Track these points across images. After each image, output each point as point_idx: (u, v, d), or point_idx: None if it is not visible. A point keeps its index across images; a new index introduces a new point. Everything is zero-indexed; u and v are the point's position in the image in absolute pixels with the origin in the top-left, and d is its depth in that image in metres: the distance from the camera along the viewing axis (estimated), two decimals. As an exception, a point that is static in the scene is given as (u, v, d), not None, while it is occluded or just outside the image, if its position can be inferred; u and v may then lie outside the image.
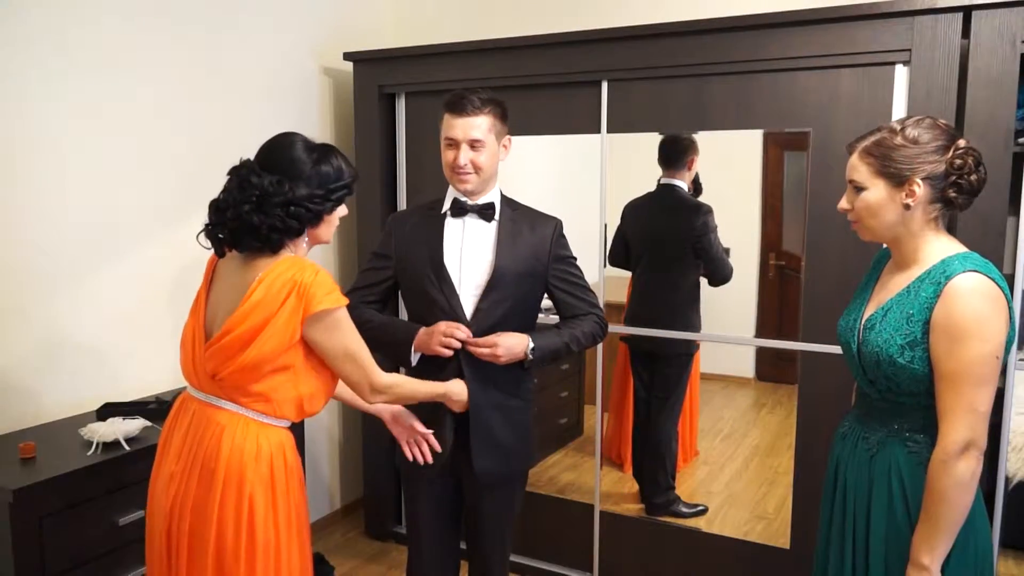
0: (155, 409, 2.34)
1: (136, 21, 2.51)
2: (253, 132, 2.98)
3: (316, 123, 3.24)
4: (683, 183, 2.76)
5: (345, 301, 1.61)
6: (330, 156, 1.65)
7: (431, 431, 1.95)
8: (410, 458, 1.97)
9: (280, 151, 1.62)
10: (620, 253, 2.88)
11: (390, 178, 3.17)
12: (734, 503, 2.80)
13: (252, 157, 1.65)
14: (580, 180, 2.83)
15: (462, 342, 1.91)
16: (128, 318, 2.56)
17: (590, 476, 2.92)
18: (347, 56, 3.12)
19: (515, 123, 2.86)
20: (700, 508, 2.84)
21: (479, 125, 1.91)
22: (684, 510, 2.85)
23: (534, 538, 3.00)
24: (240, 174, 1.60)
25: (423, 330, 1.95)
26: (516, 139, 2.00)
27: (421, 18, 3.56)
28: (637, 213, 2.85)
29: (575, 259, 2.09)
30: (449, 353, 1.91)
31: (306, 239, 1.66)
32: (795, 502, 2.55)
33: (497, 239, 1.98)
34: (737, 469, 2.86)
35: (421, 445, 1.95)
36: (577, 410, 3.15)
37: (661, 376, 2.93)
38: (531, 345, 1.93)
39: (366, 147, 3.14)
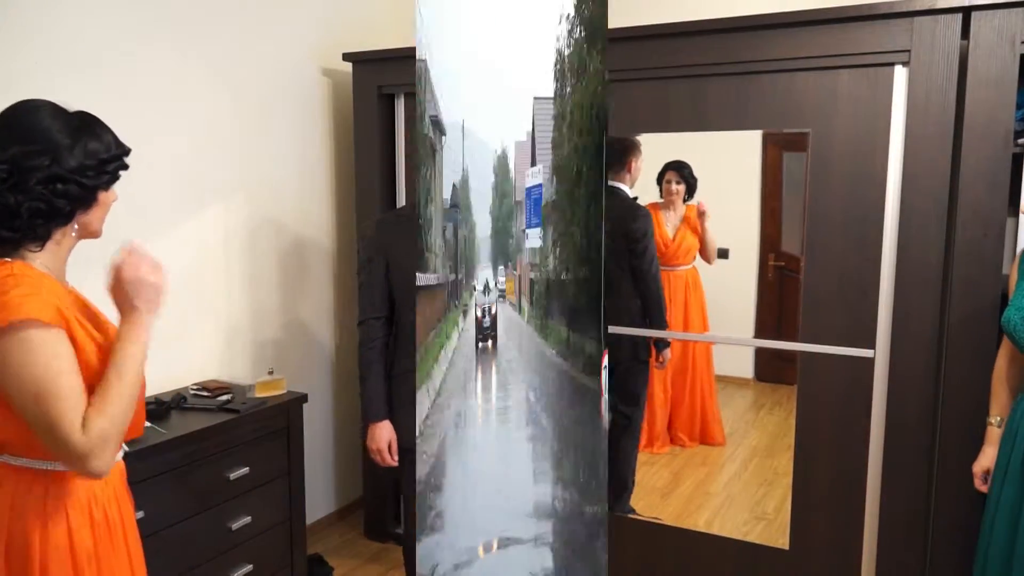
0: (153, 410, 2.33)
1: (135, 21, 2.50)
2: (252, 133, 2.99)
3: (315, 123, 3.23)
4: (623, 185, 2.77)
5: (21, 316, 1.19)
6: (94, 126, 1.35)
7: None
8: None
9: (24, 119, 1.27)
10: None
11: (389, 178, 3.16)
12: (733, 503, 2.80)
13: None
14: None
15: None
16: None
17: (589, 477, 2.91)
18: (346, 56, 3.11)
19: (514, 123, 2.87)
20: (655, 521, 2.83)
21: None
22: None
23: (533, 539, 3.00)
24: None
25: (381, 428, 2.20)
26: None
27: (420, 18, 3.55)
28: None
29: None
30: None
31: (75, 228, 1.34)
32: (794, 502, 2.55)
33: None
34: (736, 469, 2.86)
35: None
36: (576, 410, 3.14)
37: (621, 390, 2.88)
38: None
39: (365, 147, 3.13)
